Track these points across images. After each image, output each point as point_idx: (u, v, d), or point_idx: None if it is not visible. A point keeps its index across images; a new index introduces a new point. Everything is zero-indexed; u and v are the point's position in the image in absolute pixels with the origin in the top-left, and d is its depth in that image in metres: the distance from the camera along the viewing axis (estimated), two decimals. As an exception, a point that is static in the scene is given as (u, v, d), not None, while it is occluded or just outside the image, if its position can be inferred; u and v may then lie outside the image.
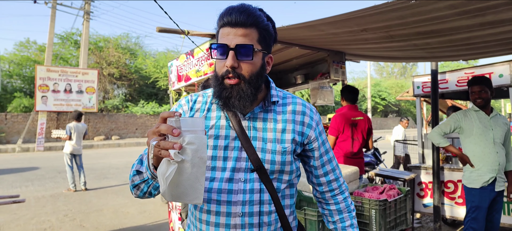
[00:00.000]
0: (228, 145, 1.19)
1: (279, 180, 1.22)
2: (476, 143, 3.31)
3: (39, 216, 5.92)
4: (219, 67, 1.17)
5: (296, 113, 1.25)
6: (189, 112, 1.26)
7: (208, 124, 1.23)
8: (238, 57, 1.12)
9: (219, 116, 1.23)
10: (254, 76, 1.16)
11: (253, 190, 1.17)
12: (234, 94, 1.13)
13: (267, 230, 1.20)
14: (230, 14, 1.12)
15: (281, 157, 1.20)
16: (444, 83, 5.13)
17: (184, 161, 0.83)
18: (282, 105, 1.26)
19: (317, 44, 3.96)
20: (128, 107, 25.86)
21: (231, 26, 1.12)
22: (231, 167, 1.17)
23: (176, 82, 4.46)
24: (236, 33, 1.11)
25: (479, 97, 3.29)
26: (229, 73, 1.13)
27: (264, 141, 1.20)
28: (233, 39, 1.11)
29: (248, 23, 1.12)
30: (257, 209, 1.17)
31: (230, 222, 1.16)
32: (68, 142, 7.98)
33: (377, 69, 56.15)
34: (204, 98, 1.29)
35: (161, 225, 5.36)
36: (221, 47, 1.13)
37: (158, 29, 3.60)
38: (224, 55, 1.13)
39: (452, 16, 2.62)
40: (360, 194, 3.10)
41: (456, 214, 4.67)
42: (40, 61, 22.91)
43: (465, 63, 27.12)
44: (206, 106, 1.26)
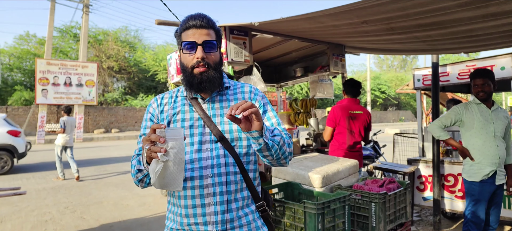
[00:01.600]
0: (193, 124, 1.46)
1: (240, 146, 1.47)
2: (477, 136, 3.29)
3: (40, 208, 5.95)
4: (189, 60, 1.43)
5: (245, 93, 1.56)
6: (158, 108, 1.54)
7: (175, 111, 1.50)
8: (205, 50, 1.41)
9: (183, 103, 1.51)
10: (217, 64, 1.47)
11: (218, 156, 1.44)
12: (204, 79, 1.41)
13: (234, 187, 1.45)
14: (194, 19, 1.42)
15: (238, 127, 1.46)
16: (445, 76, 5.10)
17: (168, 160, 1.14)
18: (234, 89, 1.57)
19: (317, 37, 3.93)
20: (127, 100, 25.87)
21: (196, 28, 1.41)
22: (198, 140, 1.44)
23: (175, 75, 4.42)
24: (201, 33, 1.41)
25: (482, 90, 3.25)
26: (200, 62, 1.40)
27: (222, 115, 1.48)
28: (200, 37, 1.41)
29: (208, 26, 1.43)
30: (224, 170, 1.43)
31: (202, 183, 1.41)
32: (61, 135, 8.39)
33: (377, 62, 56.07)
34: (169, 95, 1.57)
35: (160, 217, 5.38)
36: (189, 43, 1.41)
37: (157, 22, 3.56)
38: (193, 50, 1.41)
39: (455, 7, 2.58)
40: (359, 187, 3.08)
41: (456, 207, 4.66)
42: (40, 54, 22.86)
43: (466, 56, 27.05)
44: (172, 100, 1.54)
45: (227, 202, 1.43)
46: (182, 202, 1.45)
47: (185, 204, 1.44)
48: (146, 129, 1.53)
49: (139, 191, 7.17)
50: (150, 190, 7.25)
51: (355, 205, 2.99)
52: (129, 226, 5.01)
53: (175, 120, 1.48)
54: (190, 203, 1.43)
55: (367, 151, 5.77)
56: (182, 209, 1.45)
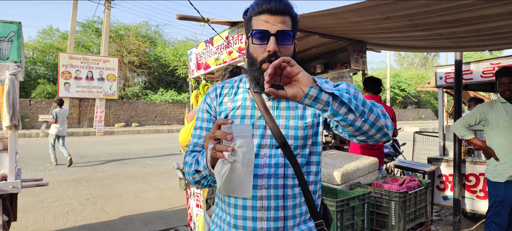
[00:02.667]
0: (253, 124, 1.28)
1: (303, 155, 1.29)
2: (502, 135, 3.22)
3: (61, 199, 6.11)
4: (258, 52, 1.21)
5: None
6: (216, 99, 1.35)
7: (235, 105, 1.31)
8: (278, 42, 1.18)
9: (245, 97, 1.32)
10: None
11: (277, 164, 1.25)
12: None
13: (292, 202, 1.26)
14: (269, 2, 1.19)
15: (303, 131, 1.27)
16: (468, 74, 4.99)
17: (236, 161, 0.98)
18: None
19: (338, 33, 3.90)
20: (147, 95, 26.24)
21: (270, 13, 1.18)
22: (257, 143, 1.26)
23: (195, 70, 4.48)
24: (275, 20, 1.18)
25: (508, 89, 3.18)
26: (271, 57, 1.17)
27: (287, 118, 1.27)
28: (273, 26, 1.18)
29: (285, 11, 1.20)
30: (282, 182, 1.25)
31: (257, 193, 1.24)
32: (54, 125, 9.27)
33: (397, 59, 55.02)
34: (230, 84, 1.38)
35: (179, 211, 5.45)
36: (261, 33, 1.18)
37: (178, 16, 3.61)
38: (264, 40, 1.19)
39: (481, 4, 2.53)
40: (379, 185, 3.06)
41: (477, 208, 4.58)
42: (63, 48, 23.41)
43: (489, 54, 26.31)
44: (233, 91, 1.35)
45: (283, 218, 1.25)
46: (231, 211, 1.28)
47: (234, 214, 1.27)
48: (203, 122, 1.36)
49: (158, 184, 7.29)
50: (168, 184, 7.37)
51: (375, 203, 2.97)
52: (148, 218, 5.10)
53: (234, 115, 1.30)
54: (240, 213, 1.26)
55: (387, 149, 5.71)
56: (231, 218, 1.29)
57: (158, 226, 4.78)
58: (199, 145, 1.34)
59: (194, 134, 1.37)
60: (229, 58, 3.72)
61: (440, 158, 4.97)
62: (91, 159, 10.69)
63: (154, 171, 8.84)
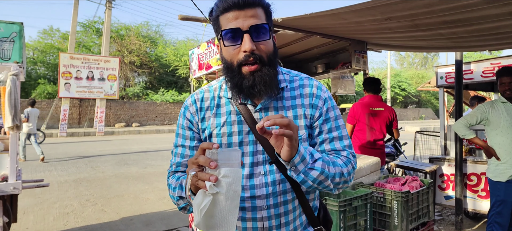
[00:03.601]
0: (242, 140, 1.16)
1: None
2: (503, 135, 3.22)
3: (62, 200, 6.10)
4: (233, 54, 1.09)
5: (304, 96, 1.21)
6: (197, 114, 1.21)
7: (219, 122, 1.18)
8: (254, 39, 1.05)
9: (230, 111, 1.18)
10: (272, 56, 1.11)
11: (274, 182, 1.16)
12: (257, 81, 1.07)
13: (292, 216, 1.20)
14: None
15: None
16: (469, 74, 4.99)
17: (219, 193, 0.85)
18: (290, 90, 1.21)
19: (339, 33, 3.91)
20: (148, 95, 26.26)
21: (238, 8, 1.04)
22: (250, 162, 1.15)
23: (197, 70, 4.49)
24: (245, 14, 1.04)
25: (509, 88, 3.19)
26: (249, 57, 1.05)
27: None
28: (245, 22, 1.04)
29: (255, 3, 1.06)
30: (280, 199, 1.17)
31: (256, 215, 1.16)
32: (25, 124, 9.87)
33: (397, 59, 55.06)
34: (210, 93, 1.23)
35: (180, 212, 5.43)
36: (232, 31, 1.05)
37: (180, 17, 3.62)
38: (238, 40, 1.06)
39: (481, 4, 2.53)
40: (381, 185, 3.07)
41: (479, 207, 4.58)
42: (63, 48, 23.42)
43: (489, 53, 26.33)
44: (214, 103, 1.21)
45: (280, 226, 1.19)
46: None
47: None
48: (185, 140, 1.22)
49: (159, 185, 7.29)
50: (170, 184, 7.36)
51: (377, 203, 2.98)
52: (149, 219, 5.10)
53: (219, 133, 1.17)
54: (239, 224, 1.19)
55: (388, 148, 5.72)
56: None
57: (159, 227, 4.77)
58: (182, 164, 1.22)
59: (176, 152, 1.23)
60: (230, 58, 3.74)
61: (442, 158, 4.97)
62: (91, 159, 10.69)
63: (155, 171, 8.84)
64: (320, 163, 1.04)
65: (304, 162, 1.00)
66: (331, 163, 1.09)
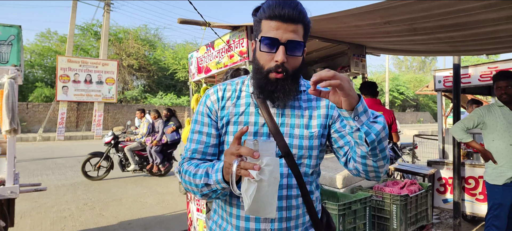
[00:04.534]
0: (257, 131, 1.22)
1: (307, 165, 1.24)
2: (500, 139, 3.24)
3: (59, 204, 6.07)
4: (265, 60, 1.16)
5: (322, 100, 1.28)
6: (217, 102, 1.27)
7: (238, 111, 1.25)
8: (287, 53, 1.13)
9: (248, 103, 1.26)
10: (297, 71, 1.19)
11: (281, 175, 1.19)
12: (279, 88, 1.16)
13: (295, 213, 1.23)
14: (282, 8, 1.11)
15: (309, 141, 1.23)
16: (466, 78, 5.02)
17: (262, 180, 0.95)
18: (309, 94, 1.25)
19: (338, 37, 3.93)
20: (146, 98, 26.24)
21: (282, 20, 1.11)
22: None
23: (196, 73, 4.49)
24: (287, 28, 1.12)
25: (506, 93, 3.20)
26: (279, 68, 1.13)
27: (292, 126, 1.22)
28: (284, 35, 1.12)
29: (299, 19, 1.13)
30: (285, 193, 1.21)
31: None
32: None
33: (395, 63, 55.24)
34: (232, 86, 1.31)
35: (179, 216, 5.43)
36: (270, 40, 1.13)
37: (179, 20, 3.62)
38: (273, 48, 1.13)
39: (479, 9, 2.55)
40: (380, 188, 3.08)
41: (477, 210, 4.59)
42: (61, 51, 23.40)
43: (485, 57, 26.45)
44: (235, 94, 1.28)
45: (286, 229, 1.22)
46: (233, 221, 1.25)
47: (236, 225, 1.23)
48: (203, 126, 1.28)
49: (157, 189, 7.28)
50: (168, 188, 7.35)
51: (376, 207, 2.99)
52: (148, 223, 5.08)
53: (237, 121, 1.24)
54: (243, 225, 1.22)
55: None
56: (232, 228, 1.25)
57: (157, 231, 4.77)
58: (198, 151, 1.27)
59: (192, 138, 1.28)
60: (230, 62, 3.73)
61: (440, 161, 4.99)
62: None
63: (154, 175, 8.83)
64: (381, 119, 1.08)
65: (367, 114, 1.04)
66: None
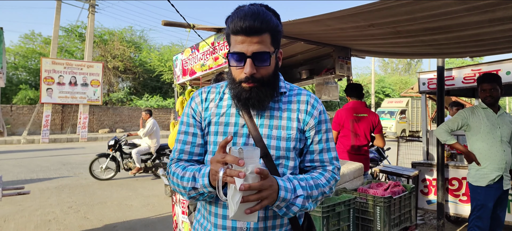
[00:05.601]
0: (237, 132, 1.27)
1: (285, 166, 1.27)
2: (483, 140, 3.28)
3: (43, 207, 5.96)
4: (236, 73, 1.23)
5: (301, 102, 1.32)
6: (201, 104, 1.33)
7: (219, 111, 1.30)
8: (255, 64, 1.18)
9: (230, 104, 1.31)
10: (270, 77, 1.24)
11: None
12: (253, 95, 1.21)
13: (273, 213, 1.25)
14: (243, 21, 1.14)
15: (286, 143, 1.26)
16: (450, 80, 5.09)
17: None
18: (289, 95, 1.33)
19: (323, 40, 3.93)
20: (132, 100, 25.97)
21: (245, 34, 1.15)
22: None
23: (181, 76, 4.44)
24: (251, 41, 1.16)
25: (490, 95, 3.24)
26: (249, 79, 1.18)
27: (270, 127, 1.26)
28: (249, 47, 1.16)
29: (261, 30, 1.15)
30: None
31: None
32: None
33: (381, 65, 55.82)
34: (217, 89, 1.37)
35: (164, 218, 5.38)
36: (237, 55, 1.18)
37: (164, 22, 3.58)
38: (241, 62, 1.18)
39: (462, 12, 2.58)
40: (364, 190, 3.09)
41: (460, 211, 4.65)
42: (45, 53, 23.00)
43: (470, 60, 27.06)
44: (218, 96, 1.34)
45: (263, 229, 1.24)
46: (212, 219, 1.28)
47: (215, 223, 1.27)
48: (188, 127, 1.33)
49: (143, 191, 7.20)
50: (153, 190, 7.27)
51: (360, 208, 2.99)
52: (133, 226, 5.02)
53: (218, 121, 1.29)
54: (220, 223, 1.26)
55: (371, 154, 5.77)
56: (211, 226, 1.29)
57: (143, 234, 4.71)
58: (185, 152, 1.32)
59: (178, 139, 1.34)
60: (215, 64, 3.71)
61: (424, 163, 5.04)
62: (74, 166, 10.48)
63: (139, 178, 8.73)
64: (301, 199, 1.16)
65: (285, 201, 1.13)
66: (314, 186, 1.22)
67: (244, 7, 1.20)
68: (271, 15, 1.20)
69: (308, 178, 1.23)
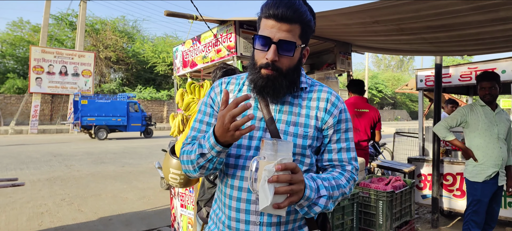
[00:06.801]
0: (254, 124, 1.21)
1: (301, 162, 1.25)
2: (481, 137, 3.35)
3: (35, 199, 5.89)
4: (259, 57, 1.20)
5: (321, 100, 1.29)
6: (220, 94, 1.31)
7: None
8: (279, 52, 1.15)
9: None
10: (291, 70, 1.21)
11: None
12: (269, 84, 1.18)
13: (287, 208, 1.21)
14: (277, 7, 1.13)
15: (303, 140, 1.24)
16: (447, 77, 5.16)
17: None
18: (309, 92, 1.31)
19: (325, 34, 3.95)
20: (125, 91, 25.72)
21: (276, 19, 1.14)
22: (255, 145, 1.23)
23: (181, 68, 4.40)
24: (280, 28, 1.14)
25: (489, 93, 3.30)
26: (269, 66, 1.16)
27: (288, 124, 1.24)
28: (277, 33, 1.14)
29: (293, 19, 1.14)
30: None
31: (251, 197, 1.22)
32: None
33: (374, 61, 56.27)
34: (237, 80, 1.36)
35: (161, 211, 5.36)
36: (263, 38, 1.16)
37: (166, 13, 3.54)
38: (266, 47, 1.16)
39: (466, 11, 2.62)
40: (366, 185, 3.13)
41: (454, 206, 4.75)
42: (34, 41, 22.59)
43: (460, 58, 27.35)
44: (238, 88, 1.33)
45: (277, 224, 1.23)
46: (226, 211, 1.27)
47: (229, 215, 1.26)
48: (204, 116, 1.33)
49: (138, 184, 7.17)
50: (149, 183, 7.24)
51: (363, 203, 3.03)
52: (129, 219, 5.00)
53: None
54: (234, 215, 1.24)
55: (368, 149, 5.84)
56: (225, 218, 1.28)
57: (139, 227, 4.68)
58: (198, 139, 1.28)
59: (194, 126, 1.33)
60: (217, 56, 3.68)
61: (420, 158, 5.12)
62: (65, 157, 10.38)
63: (134, 170, 8.69)
64: (324, 200, 1.14)
65: (309, 200, 1.10)
66: (336, 187, 1.20)
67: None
68: (306, 9, 1.19)
69: (330, 178, 1.21)
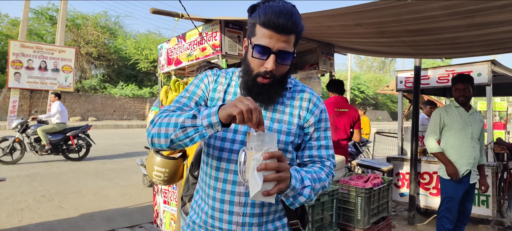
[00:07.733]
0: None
1: None
2: (456, 137, 3.49)
3: (15, 196, 5.80)
4: (255, 64, 1.22)
5: (303, 100, 1.35)
6: (212, 83, 1.36)
7: (226, 98, 1.33)
8: (277, 61, 1.19)
9: (236, 92, 1.34)
10: (284, 77, 1.27)
11: None
12: (264, 92, 1.24)
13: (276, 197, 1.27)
14: (277, 18, 1.15)
15: (286, 137, 1.30)
16: (426, 79, 5.33)
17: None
18: (293, 91, 1.36)
19: (309, 35, 4.02)
20: (106, 88, 25.29)
21: (276, 31, 1.16)
22: (240, 140, 1.28)
23: (165, 65, 4.42)
24: (279, 38, 1.17)
25: (463, 95, 3.45)
26: (267, 74, 1.20)
27: (272, 120, 1.30)
28: (276, 44, 1.17)
29: (291, 30, 1.18)
30: None
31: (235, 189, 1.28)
32: None
33: (357, 62, 57.12)
34: (226, 74, 1.39)
35: (143, 208, 5.35)
36: (262, 48, 1.18)
37: (152, 10, 3.56)
38: (264, 56, 1.19)
39: (444, 16, 2.74)
40: (346, 182, 3.23)
41: (430, 203, 4.92)
42: (13, 36, 21.95)
43: (440, 61, 28.03)
44: (227, 82, 1.36)
45: (259, 215, 1.30)
46: (210, 202, 1.32)
47: (212, 205, 1.31)
48: (193, 94, 1.33)
49: (120, 181, 7.12)
50: (130, 180, 7.20)
51: (342, 199, 3.13)
52: (111, 215, 4.98)
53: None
54: (218, 206, 1.30)
55: (349, 148, 5.97)
56: (208, 208, 1.33)
57: (121, 223, 4.68)
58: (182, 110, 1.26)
59: (178, 100, 1.31)
60: (202, 55, 3.72)
61: (399, 157, 5.28)
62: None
63: (115, 168, 8.60)
64: (308, 190, 1.20)
65: (294, 190, 1.15)
66: (317, 179, 1.26)
67: (278, 3, 1.19)
68: (300, 17, 1.23)
69: (311, 171, 1.27)
